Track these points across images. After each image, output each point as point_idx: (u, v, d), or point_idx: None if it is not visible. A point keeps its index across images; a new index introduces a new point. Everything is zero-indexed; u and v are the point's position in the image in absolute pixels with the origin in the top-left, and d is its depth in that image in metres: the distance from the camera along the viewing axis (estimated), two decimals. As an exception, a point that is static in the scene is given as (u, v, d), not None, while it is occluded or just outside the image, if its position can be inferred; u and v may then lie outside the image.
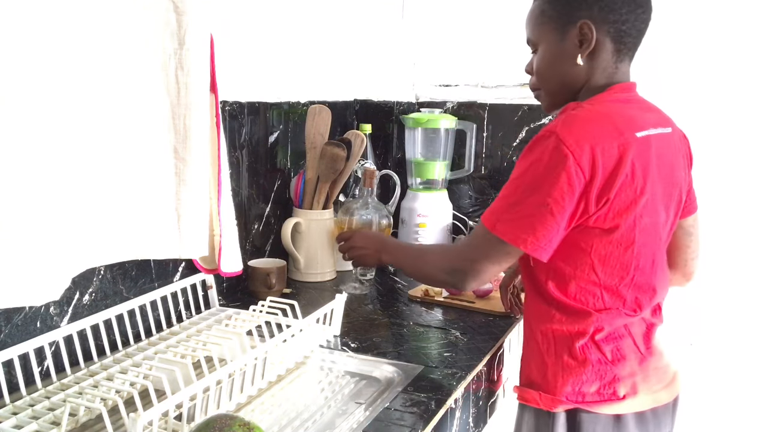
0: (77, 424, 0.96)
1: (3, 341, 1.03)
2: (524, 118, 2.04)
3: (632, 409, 1.11)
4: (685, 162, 1.19)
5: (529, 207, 1.02)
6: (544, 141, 1.02)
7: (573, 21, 1.09)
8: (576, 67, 1.11)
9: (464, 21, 2.14)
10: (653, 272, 1.12)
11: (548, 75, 1.15)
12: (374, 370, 1.21)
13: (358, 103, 2.08)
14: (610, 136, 1.02)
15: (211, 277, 1.43)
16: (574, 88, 1.13)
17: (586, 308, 1.09)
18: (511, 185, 1.06)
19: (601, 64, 1.10)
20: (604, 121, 1.03)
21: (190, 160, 1.20)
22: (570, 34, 1.09)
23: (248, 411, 1.08)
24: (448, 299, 1.56)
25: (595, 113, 1.05)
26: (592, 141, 1.00)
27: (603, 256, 1.07)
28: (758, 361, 1.98)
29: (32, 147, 0.93)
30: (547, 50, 1.13)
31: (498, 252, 1.07)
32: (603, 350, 1.10)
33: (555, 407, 1.12)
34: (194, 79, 1.19)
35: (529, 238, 1.02)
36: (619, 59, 1.11)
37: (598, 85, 1.11)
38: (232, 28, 1.48)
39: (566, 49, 1.10)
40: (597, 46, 1.09)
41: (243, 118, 1.56)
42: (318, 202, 1.70)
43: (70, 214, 1.02)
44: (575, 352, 1.11)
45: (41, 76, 0.94)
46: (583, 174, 1.00)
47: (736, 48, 1.87)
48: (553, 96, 1.17)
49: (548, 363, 1.14)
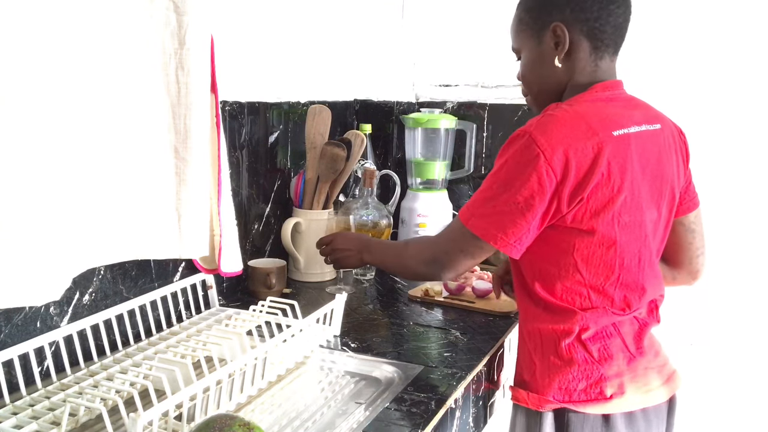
0: (77, 424, 0.96)
1: (3, 341, 1.03)
2: (524, 118, 2.04)
3: (620, 409, 1.10)
4: (678, 157, 1.18)
5: (501, 204, 1.04)
6: (518, 140, 1.04)
7: (546, 25, 1.11)
8: (555, 69, 1.12)
9: (464, 21, 2.14)
10: (640, 270, 1.11)
11: (531, 79, 1.17)
12: (374, 370, 1.21)
13: (358, 103, 2.08)
14: (584, 137, 1.02)
15: (211, 277, 1.43)
16: (557, 89, 1.15)
17: (572, 307, 1.09)
18: (487, 181, 1.08)
19: (580, 64, 1.11)
20: (579, 122, 1.04)
21: (190, 159, 1.20)
22: (545, 38, 1.12)
23: (248, 411, 1.08)
24: (448, 299, 1.56)
25: (571, 113, 1.05)
26: (565, 142, 1.01)
27: (586, 256, 1.07)
28: (759, 361, 1.98)
29: (33, 147, 0.93)
30: (528, 56, 1.16)
31: (472, 246, 1.09)
32: (589, 349, 1.10)
33: (543, 407, 1.12)
34: (194, 79, 1.19)
35: (499, 235, 1.04)
36: (599, 57, 1.11)
37: (580, 84, 1.12)
38: (232, 28, 1.48)
39: (544, 53, 1.13)
40: (572, 46, 1.10)
41: (243, 118, 1.56)
42: (318, 202, 1.70)
43: (70, 214, 1.02)
44: (561, 351, 1.11)
45: (41, 76, 0.94)
46: (554, 174, 1.01)
47: (734, 43, 1.87)
48: (540, 99, 1.18)
49: (536, 362, 1.14)
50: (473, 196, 1.10)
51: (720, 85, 1.90)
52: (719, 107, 1.90)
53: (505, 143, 1.07)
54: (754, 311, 1.96)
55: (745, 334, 1.98)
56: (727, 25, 1.87)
